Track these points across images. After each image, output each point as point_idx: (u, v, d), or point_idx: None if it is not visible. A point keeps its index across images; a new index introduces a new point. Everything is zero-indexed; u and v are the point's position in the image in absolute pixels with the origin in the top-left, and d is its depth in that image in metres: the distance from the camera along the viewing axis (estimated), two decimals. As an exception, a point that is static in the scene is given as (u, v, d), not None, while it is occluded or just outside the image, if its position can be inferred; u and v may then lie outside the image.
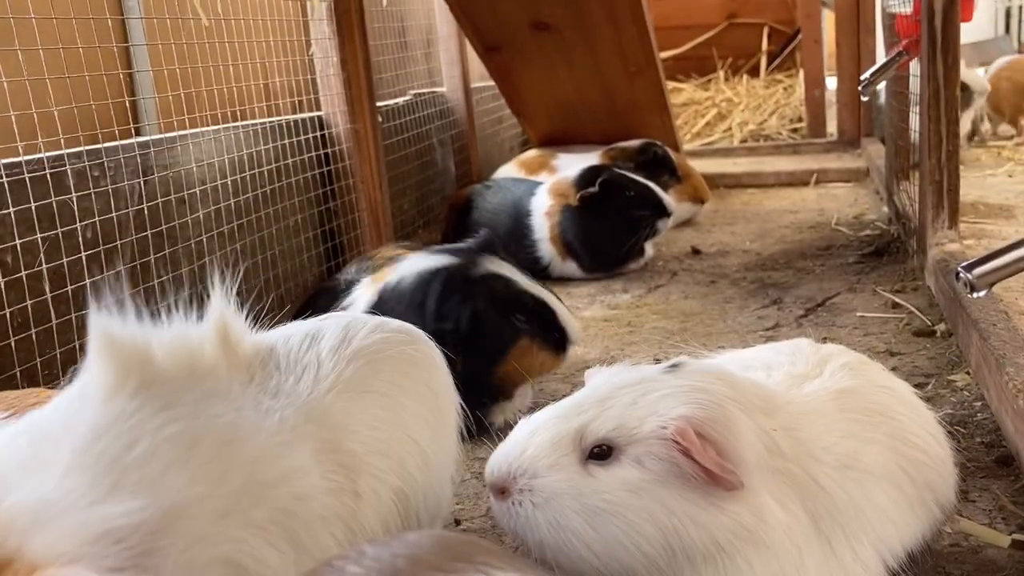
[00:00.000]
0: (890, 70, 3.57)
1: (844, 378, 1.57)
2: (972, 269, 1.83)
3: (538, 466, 1.38)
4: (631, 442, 1.35)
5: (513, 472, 1.40)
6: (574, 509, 1.34)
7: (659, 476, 1.32)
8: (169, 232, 2.57)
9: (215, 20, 2.94)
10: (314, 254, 3.43)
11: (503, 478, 1.41)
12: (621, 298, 3.50)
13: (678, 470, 1.31)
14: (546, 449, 1.39)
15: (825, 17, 7.23)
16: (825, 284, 3.40)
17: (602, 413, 1.38)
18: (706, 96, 7.69)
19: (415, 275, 2.33)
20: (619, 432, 1.36)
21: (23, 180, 2.08)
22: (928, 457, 1.51)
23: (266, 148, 3.10)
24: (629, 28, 4.44)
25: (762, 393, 1.45)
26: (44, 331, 2.11)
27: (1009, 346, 2.14)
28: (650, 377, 1.42)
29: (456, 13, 4.55)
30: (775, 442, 1.38)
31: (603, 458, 1.36)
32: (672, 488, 1.31)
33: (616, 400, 1.39)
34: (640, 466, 1.33)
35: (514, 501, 1.39)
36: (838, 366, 1.61)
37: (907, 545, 1.46)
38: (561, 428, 1.40)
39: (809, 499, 1.37)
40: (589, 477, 1.35)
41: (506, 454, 1.43)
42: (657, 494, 1.31)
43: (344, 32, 3.39)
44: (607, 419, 1.37)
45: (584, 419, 1.39)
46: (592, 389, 1.47)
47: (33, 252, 2.11)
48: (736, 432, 1.33)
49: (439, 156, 4.74)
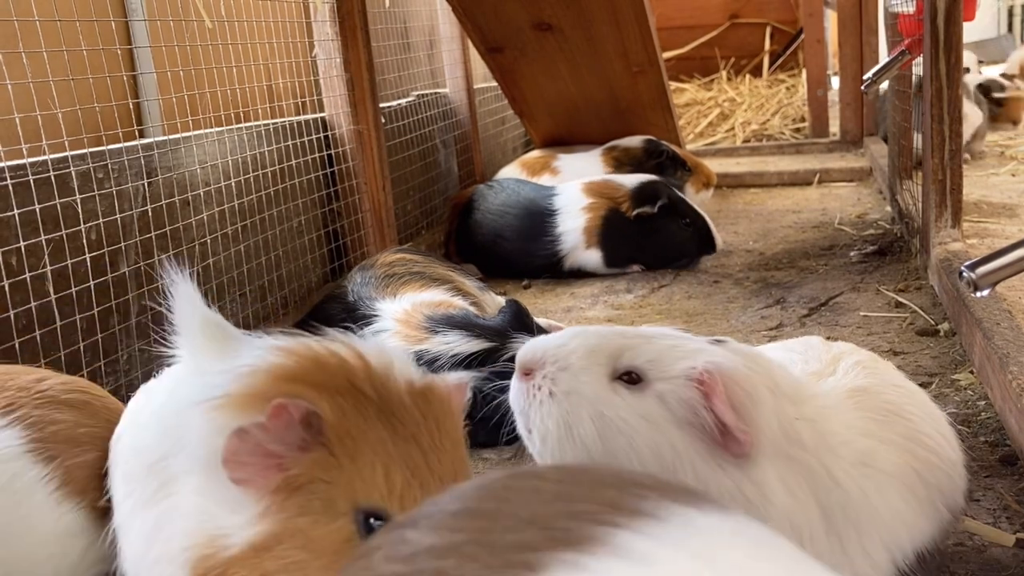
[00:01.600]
0: (893, 69, 3.57)
1: (858, 376, 1.58)
2: (975, 268, 1.83)
3: (570, 361, 1.40)
4: (660, 377, 1.37)
5: (545, 359, 1.42)
6: (588, 413, 1.36)
7: (676, 416, 1.34)
8: (173, 234, 2.58)
9: (218, 22, 2.94)
10: (317, 255, 3.44)
11: (534, 360, 1.43)
12: (624, 298, 3.50)
13: (695, 419, 1.33)
14: (583, 351, 1.41)
15: (828, 17, 7.23)
16: (828, 284, 3.39)
17: (643, 344, 1.41)
18: (709, 96, 7.69)
19: (451, 358, 2.36)
20: (652, 365, 1.38)
21: (27, 182, 2.09)
22: (940, 459, 1.51)
23: (269, 150, 3.11)
24: (632, 28, 4.44)
25: (793, 383, 1.46)
26: (48, 333, 2.11)
27: (1013, 345, 2.14)
28: (695, 338, 1.44)
29: (458, 14, 4.55)
30: (796, 431, 1.38)
31: (632, 383, 1.38)
32: (684, 432, 1.33)
33: (659, 340, 1.42)
34: (662, 402, 1.35)
35: (536, 384, 1.41)
36: (851, 364, 1.62)
37: (917, 547, 1.46)
38: (603, 341, 1.42)
39: (823, 493, 1.37)
40: (612, 392, 1.37)
41: (544, 343, 1.46)
42: (668, 432, 1.33)
43: (347, 33, 3.39)
44: (645, 352, 1.39)
45: (625, 343, 1.42)
46: (638, 328, 1.50)
47: (37, 254, 2.11)
48: (757, 403, 1.35)
49: (442, 157, 4.74)
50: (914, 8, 3.26)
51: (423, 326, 2.48)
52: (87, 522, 1.53)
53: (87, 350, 2.22)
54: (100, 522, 1.54)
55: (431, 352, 2.37)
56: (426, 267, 2.95)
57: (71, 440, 1.56)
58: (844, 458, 1.40)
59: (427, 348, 2.39)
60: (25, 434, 1.50)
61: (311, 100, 3.60)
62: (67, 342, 2.16)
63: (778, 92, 7.61)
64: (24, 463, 1.47)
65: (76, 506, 1.52)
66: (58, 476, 1.50)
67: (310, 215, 3.38)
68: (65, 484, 1.51)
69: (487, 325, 2.44)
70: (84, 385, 1.69)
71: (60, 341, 2.14)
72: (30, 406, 1.55)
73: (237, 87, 3.07)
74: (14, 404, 1.54)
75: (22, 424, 1.51)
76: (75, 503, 1.52)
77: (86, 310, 2.23)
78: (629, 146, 4.88)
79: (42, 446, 1.51)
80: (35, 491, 1.47)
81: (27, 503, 1.46)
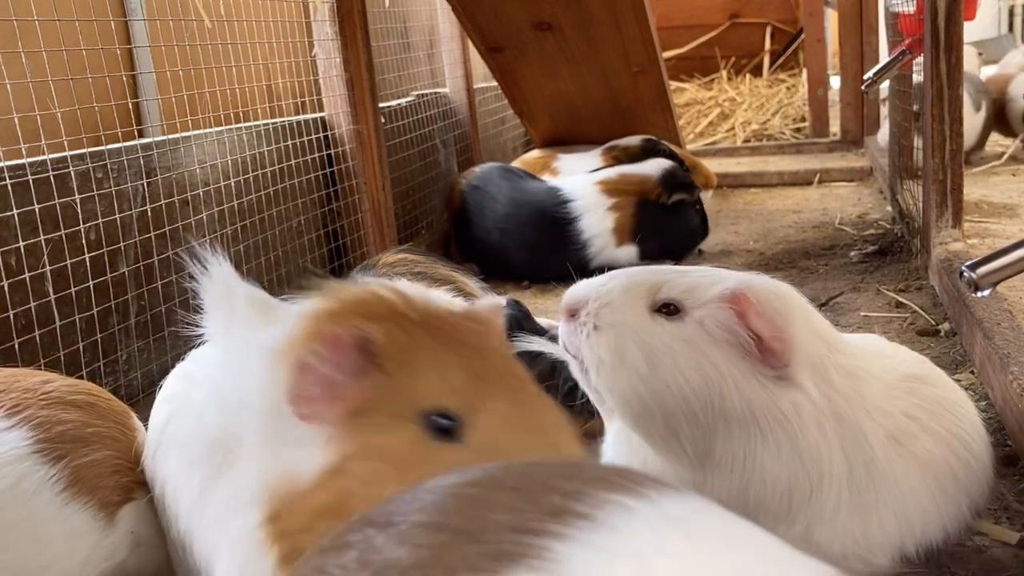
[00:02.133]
0: (893, 69, 3.56)
1: (917, 365, 1.63)
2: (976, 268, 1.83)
3: (612, 297, 1.49)
4: (697, 305, 1.44)
5: (588, 298, 1.51)
6: (634, 341, 1.44)
7: (715, 338, 1.42)
8: (172, 234, 2.57)
9: (218, 22, 2.94)
10: (317, 255, 3.43)
11: (578, 301, 1.52)
12: (624, 298, 3.50)
13: (734, 339, 1.40)
14: (623, 288, 1.50)
15: (828, 16, 7.23)
16: (829, 284, 3.39)
17: (678, 278, 1.49)
18: (709, 96, 7.68)
19: None
20: (688, 294, 1.46)
21: (27, 182, 2.09)
22: (976, 463, 1.54)
23: (269, 150, 3.11)
24: (632, 27, 4.44)
25: (831, 331, 1.51)
26: (48, 333, 2.11)
27: (1013, 345, 2.14)
28: (731, 271, 1.52)
29: (458, 14, 4.55)
30: (828, 370, 1.43)
31: (671, 315, 1.46)
32: (724, 352, 1.41)
33: (693, 273, 1.50)
34: (701, 326, 1.43)
35: (582, 322, 1.50)
36: (912, 358, 1.67)
37: (928, 539, 1.47)
38: (640, 278, 1.51)
39: (850, 442, 1.41)
40: (654, 322, 1.46)
41: (585, 285, 1.55)
42: (710, 352, 1.41)
43: (347, 33, 3.39)
44: (681, 283, 1.48)
45: (662, 278, 1.50)
46: (674, 266, 1.60)
47: (36, 254, 2.11)
48: (790, 320, 1.40)
49: (442, 157, 4.74)
50: (914, 8, 3.26)
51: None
52: (96, 521, 1.53)
53: (87, 350, 2.22)
54: (109, 520, 1.54)
55: None
56: (428, 268, 2.95)
57: (79, 439, 1.55)
58: (878, 424, 1.43)
59: None
60: (32, 435, 1.49)
61: (311, 100, 3.59)
62: (66, 342, 2.16)
63: (778, 92, 7.61)
64: (31, 464, 1.47)
65: (84, 506, 1.51)
66: (66, 476, 1.50)
67: (310, 215, 3.38)
68: (73, 484, 1.51)
69: None
70: (89, 387, 1.69)
71: (59, 341, 2.14)
72: (36, 407, 1.55)
73: (237, 87, 3.07)
74: (20, 405, 1.53)
75: (29, 424, 1.51)
76: (83, 503, 1.51)
77: (85, 310, 2.23)
78: (628, 145, 4.87)
79: (49, 446, 1.50)
80: (42, 492, 1.47)
81: (33, 504, 1.45)
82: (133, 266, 2.41)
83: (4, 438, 1.47)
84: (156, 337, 2.49)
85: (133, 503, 1.60)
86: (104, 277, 2.29)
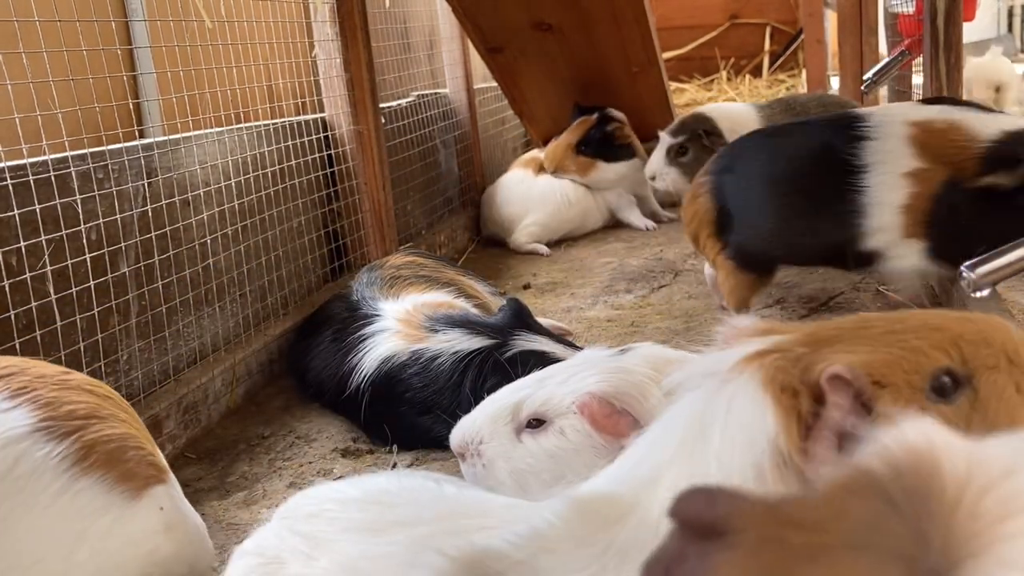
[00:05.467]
0: (893, 69, 3.57)
1: None
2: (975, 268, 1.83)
3: (483, 434, 1.69)
4: (557, 415, 1.61)
5: (467, 439, 1.71)
6: (506, 470, 1.64)
7: (576, 444, 1.58)
8: (173, 234, 2.58)
9: (218, 22, 2.95)
10: (318, 256, 3.44)
11: (461, 444, 1.73)
12: (624, 298, 3.50)
13: (592, 440, 1.56)
14: (488, 420, 1.69)
15: (828, 17, 7.24)
16: (828, 284, 3.39)
17: (538, 390, 1.66)
18: (709, 96, 7.69)
19: (452, 355, 2.36)
20: (547, 406, 1.63)
21: (27, 182, 2.09)
22: None
23: (269, 150, 3.11)
24: (631, 27, 4.45)
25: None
26: (49, 333, 2.12)
27: (1013, 345, 2.14)
28: (590, 359, 1.66)
29: (458, 14, 4.56)
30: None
31: (538, 426, 1.63)
32: (584, 455, 1.56)
33: (552, 379, 1.66)
34: (562, 435, 1.59)
35: (470, 463, 1.71)
36: None
37: None
38: (503, 403, 1.69)
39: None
40: (519, 444, 1.64)
41: (462, 426, 1.74)
42: (570, 459, 1.57)
43: (347, 34, 3.39)
44: (540, 396, 1.64)
45: (522, 395, 1.67)
46: (542, 370, 1.75)
47: (37, 254, 2.12)
48: (645, 410, 1.51)
49: (442, 157, 4.75)
50: (914, 8, 3.26)
51: (423, 326, 2.48)
52: (114, 497, 1.45)
53: (87, 350, 2.22)
54: (133, 497, 1.47)
55: (431, 350, 2.37)
56: (434, 271, 2.96)
57: (92, 416, 1.48)
58: None
59: (427, 347, 2.39)
60: (35, 414, 1.43)
61: (311, 100, 3.60)
62: (67, 342, 2.16)
63: (778, 92, 7.61)
64: (29, 443, 1.40)
65: (98, 480, 1.44)
66: (73, 453, 1.42)
67: (310, 215, 3.38)
68: (83, 459, 1.43)
69: (487, 323, 2.44)
70: (108, 388, 1.64)
71: (60, 341, 2.14)
72: (46, 389, 1.47)
73: (237, 87, 3.07)
74: (27, 387, 1.46)
75: (32, 405, 1.44)
76: (96, 477, 1.44)
77: (86, 310, 2.23)
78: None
79: (54, 424, 1.43)
80: (42, 472, 1.39)
81: (32, 487, 1.38)
82: (134, 266, 2.41)
83: (2, 419, 1.40)
84: (157, 337, 2.50)
85: (161, 485, 1.53)
86: (105, 277, 2.30)
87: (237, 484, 2.21)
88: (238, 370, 2.71)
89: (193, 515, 1.65)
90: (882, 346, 0.99)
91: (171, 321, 2.55)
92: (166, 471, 1.59)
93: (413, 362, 2.41)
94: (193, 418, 2.48)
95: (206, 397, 2.55)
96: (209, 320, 2.74)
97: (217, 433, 2.53)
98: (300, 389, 2.77)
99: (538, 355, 2.33)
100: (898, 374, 0.97)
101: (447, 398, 2.30)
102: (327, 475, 2.22)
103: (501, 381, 2.29)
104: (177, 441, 2.40)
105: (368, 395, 2.41)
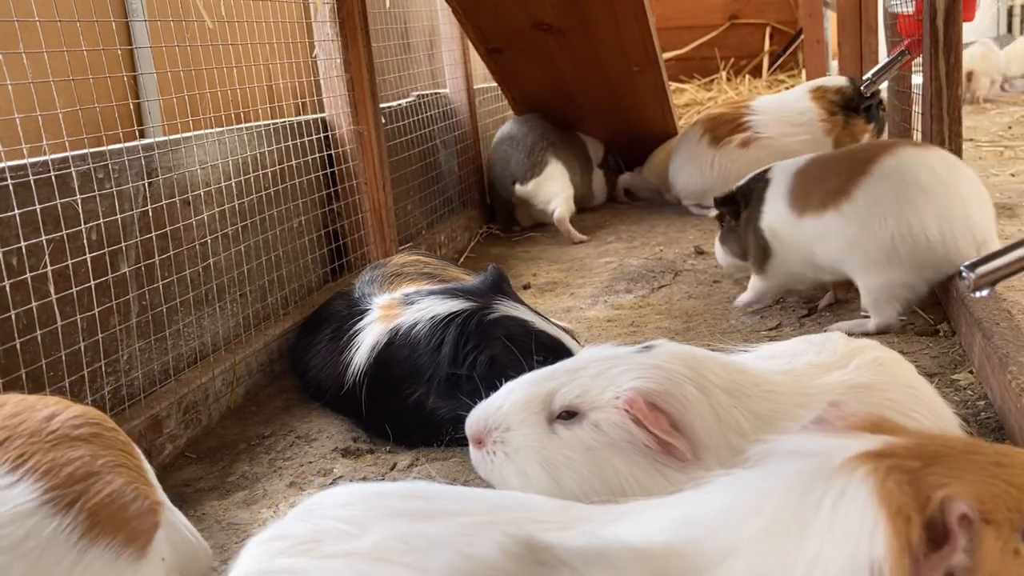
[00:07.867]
0: (892, 69, 3.57)
1: (867, 374, 1.59)
2: (975, 268, 1.84)
3: (510, 421, 1.58)
4: (592, 408, 1.53)
5: (489, 425, 1.60)
6: (537, 460, 1.54)
7: (612, 440, 1.50)
8: (173, 234, 2.58)
9: (219, 22, 2.95)
10: (318, 255, 3.44)
11: (480, 430, 1.62)
12: (624, 298, 3.50)
13: (631, 436, 1.48)
14: (519, 407, 1.59)
15: (827, 17, 7.24)
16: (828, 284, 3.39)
17: (571, 381, 1.57)
18: (708, 97, 7.69)
19: (429, 320, 2.32)
20: (582, 399, 1.54)
21: (28, 182, 2.09)
22: None
23: (270, 150, 3.11)
24: (631, 27, 4.45)
25: (731, 376, 1.53)
26: (49, 333, 2.12)
27: (1012, 345, 2.14)
28: (620, 354, 1.59)
29: (458, 15, 4.56)
30: (735, 418, 1.46)
31: (570, 419, 1.55)
32: (623, 452, 1.49)
33: (585, 371, 1.58)
34: (597, 429, 1.51)
35: (488, 451, 1.60)
36: (867, 360, 1.63)
37: None
38: (534, 391, 1.59)
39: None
40: (552, 434, 1.55)
41: (485, 409, 1.63)
42: (608, 455, 1.49)
43: (347, 34, 3.40)
44: (574, 387, 1.56)
45: (554, 385, 1.58)
46: (568, 361, 1.65)
47: (38, 254, 2.12)
48: (687, 405, 1.46)
49: (442, 157, 4.75)
50: (914, 8, 3.26)
51: (401, 303, 2.47)
52: (122, 563, 1.44)
53: (88, 350, 2.23)
54: (140, 555, 1.47)
55: (408, 321, 2.36)
56: (438, 270, 2.95)
57: (90, 475, 1.47)
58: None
59: (403, 320, 2.37)
60: (38, 485, 1.40)
61: (311, 100, 3.60)
62: (67, 342, 2.17)
63: (778, 92, 7.61)
64: (38, 519, 1.37)
65: (106, 549, 1.42)
66: (81, 523, 1.40)
67: (310, 215, 3.39)
68: (91, 529, 1.41)
69: (466, 287, 2.42)
70: (93, 416, 1.60)
71: (60, 341, 2.14)
72: (41, 453, 1.45)
73: (237, 87, 3.07)
74: (24, 455, 1.44)
75: (34, 475, 1.41)
76: (104, 546, 1.42)
77: (86, 310, 2.24)
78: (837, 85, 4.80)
79: (58, 493, 1.41)
80: (54, 547, 1.37)
81: (46, 560, 1.36)
82: (134, 266, 2.42)
83: (9, 494, 1.38)
84: (157, 337, 2.50)
85: (160, 530, 1.54)
86: (105, 277, 2.30)
87: (237, 484, 2.21)
88: (238, 370, 2.71)
89: (182, 532, 1.64)
90: (989, 477, 0.96)
91: (171, 321, 2.55)
92: (161, 505, 1.58)
93: (394, 338, 2.38)
94: (193, 418, 2.48)
95: (206, 397, 2.55)
96: (209, 320, 2.74)
97: (217, 433, 2.53)
98: (302, 388, 2.77)
99: (519, 322, 2.29)
100: (1002, 510, 0.94)
101: (428, 361, 2.25)
102: (327, 475, 2.22)
103: (480, 345, 2.26)
104: (177, 441, 2.40)
105: (363, 388, 2.39)
